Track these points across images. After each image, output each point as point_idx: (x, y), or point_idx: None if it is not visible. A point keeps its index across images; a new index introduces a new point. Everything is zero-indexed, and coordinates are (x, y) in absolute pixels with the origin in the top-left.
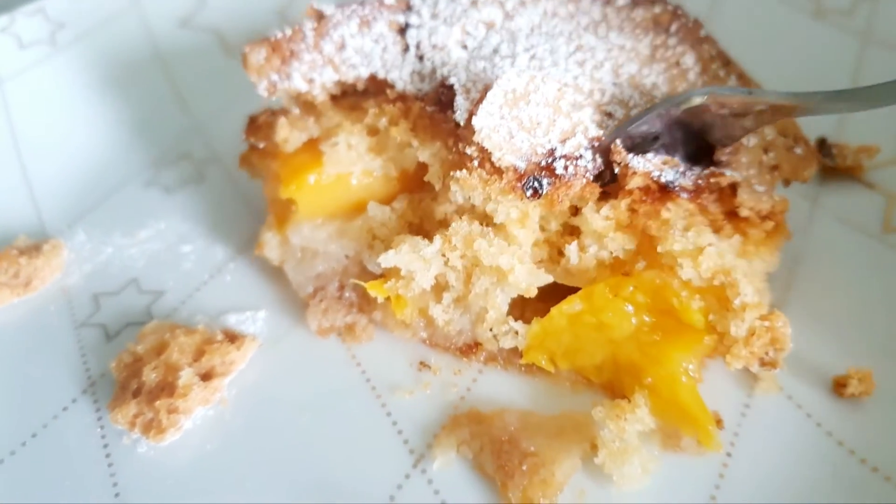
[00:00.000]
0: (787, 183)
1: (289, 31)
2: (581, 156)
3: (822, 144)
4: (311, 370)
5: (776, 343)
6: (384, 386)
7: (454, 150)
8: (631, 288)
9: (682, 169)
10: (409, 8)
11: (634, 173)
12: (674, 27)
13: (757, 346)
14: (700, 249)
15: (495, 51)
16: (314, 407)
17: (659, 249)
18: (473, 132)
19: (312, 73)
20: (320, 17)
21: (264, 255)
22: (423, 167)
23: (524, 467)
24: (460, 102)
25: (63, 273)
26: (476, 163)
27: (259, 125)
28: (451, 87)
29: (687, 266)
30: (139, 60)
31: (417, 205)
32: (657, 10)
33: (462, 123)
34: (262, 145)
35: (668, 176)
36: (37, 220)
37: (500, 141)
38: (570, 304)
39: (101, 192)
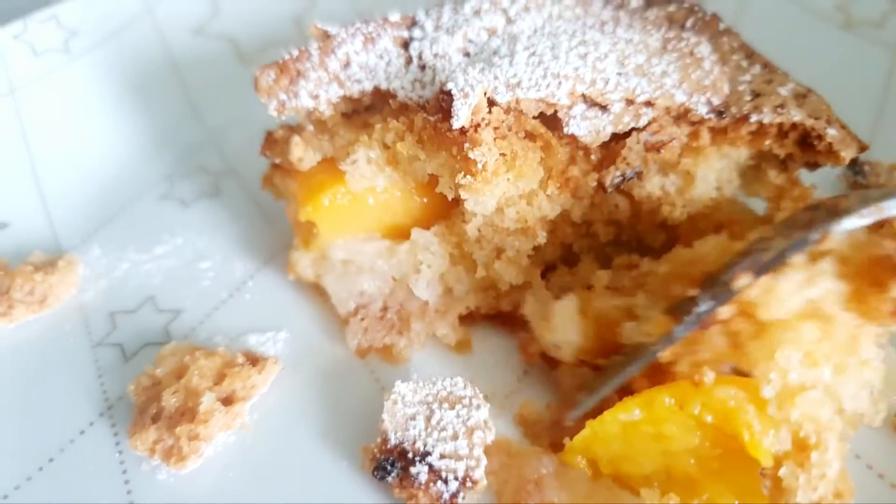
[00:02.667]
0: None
1: (295, 53)
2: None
3: (855, 162)
4: (334, 394)
5: None
6: None
7: (458, 157)
8: (698, 408)
9: None
10: (413, 24)
11: None
12: (689, 22)
13: None
14: (801, 389)
15: (494, 52)
16: (337, 433)
17: (755, 374)
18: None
19: (318, 90)
20: (325, 36)
21: (298, 276)
22: (436, 179)
23: None
24: (458, 107)
25: (78, 289)
26: (480, 165)
27: (275, 140)
28: (449, 93)
29: (771, 400)
30: (153, 69)
31: (453, 228)
32: (672, 8)
33: (459, 129)
34: (278, 161)
35: None
36: (51, 234)
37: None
38: (629, 412)
39: (116, 205)
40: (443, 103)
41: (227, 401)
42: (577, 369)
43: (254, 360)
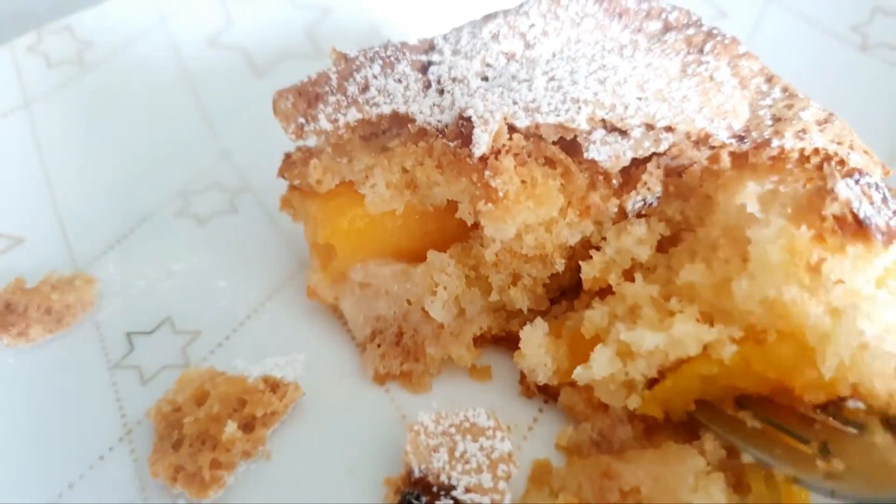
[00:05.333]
0: None
1: (314, 76)
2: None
3: None
4: (355, 421)
5: None
6: None
7: (478, 184)
8: (760, 366)
9: (877, 202)
10: (431, 48)
11: (835, 199)
12: (708, 46)
13: None
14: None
15: (513, 77)
16: (359, 461)
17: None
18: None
19: (337, 114)
20: (344, 59)
21: (317, 298)
22: (455, 203)
23: None
24: (478, 135)
25: (94, 308)
26: (502, 193)
27: (293, 162)
28: (469, 119)
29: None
30: (167, 81)
31: (469, 251)
32: (690, 31)
33: (480, 156)
34: (296, 183)
35: (865, 210)
36: (66, 250)
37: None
38: (708, 367)
39: (131, 220)
40: (462, 129)
41: (248, 427)
42: (573, 390)
43: (274, 385)
